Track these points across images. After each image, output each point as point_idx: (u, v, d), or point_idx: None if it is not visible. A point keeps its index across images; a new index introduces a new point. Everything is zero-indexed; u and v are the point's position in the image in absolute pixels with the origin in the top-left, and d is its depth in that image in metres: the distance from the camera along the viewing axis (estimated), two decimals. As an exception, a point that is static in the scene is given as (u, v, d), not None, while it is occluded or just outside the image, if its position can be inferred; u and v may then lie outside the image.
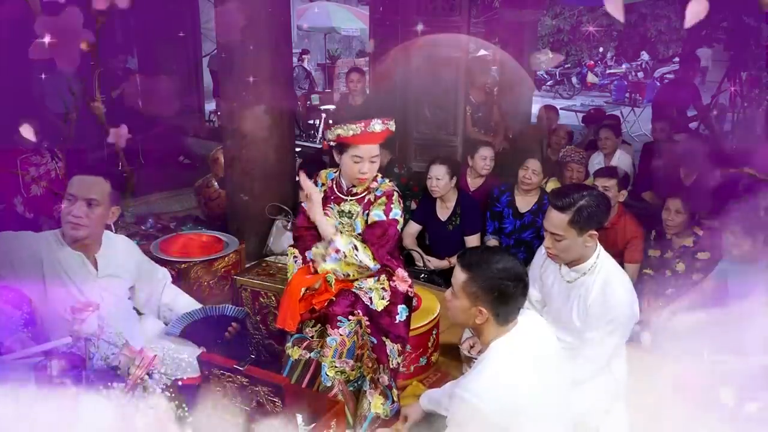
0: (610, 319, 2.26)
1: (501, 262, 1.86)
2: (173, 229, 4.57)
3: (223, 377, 1.92)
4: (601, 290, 2.29)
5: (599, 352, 2.30)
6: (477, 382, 1.77)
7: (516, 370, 1.78)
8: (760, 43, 7.05)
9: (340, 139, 2.54)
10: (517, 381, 1.77)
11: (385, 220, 2.55)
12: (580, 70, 16.75)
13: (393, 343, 2.55)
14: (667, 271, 3.58)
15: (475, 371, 1.83)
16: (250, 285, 3.15)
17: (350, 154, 2.55)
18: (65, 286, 2.27)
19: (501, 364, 1.79)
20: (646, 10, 16.54)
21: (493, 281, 1.84)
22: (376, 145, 2.56)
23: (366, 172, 2.56)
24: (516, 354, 1.82)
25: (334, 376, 2.45)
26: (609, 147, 5.07)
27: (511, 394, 1.74)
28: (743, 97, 7.32)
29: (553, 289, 2.47)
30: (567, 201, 2.27)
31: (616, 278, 2.33)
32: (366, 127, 2.50)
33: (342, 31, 13.66)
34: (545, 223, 2.36)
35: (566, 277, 2.41)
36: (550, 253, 2.36)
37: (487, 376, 1.76)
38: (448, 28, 4.80)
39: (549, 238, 2.33)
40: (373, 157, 2.56)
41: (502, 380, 1.76)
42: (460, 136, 4.97)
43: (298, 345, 2.55)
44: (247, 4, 3.92)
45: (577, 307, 2.35)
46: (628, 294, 2.32)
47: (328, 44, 15.67)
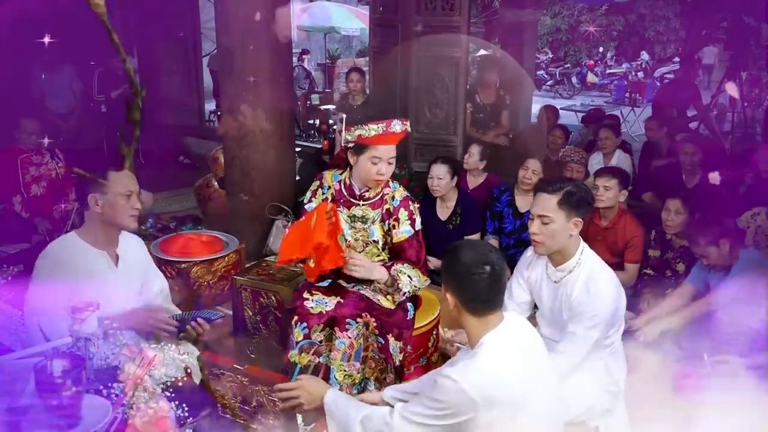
0: (592, 315, 2.26)
1: (467, 250, 1.87)
2: (173, 229, 4.58)
3: (223, 377, 1.92)
4: (585, 286, 2.30)
5: (579, 346, 2.29)
6: (466, 371, 1.76)
7: (506, 364, 1.78)
8: (760, 43, 7.06)
9: (360, 140, 2.54)
10: (507, 374, 1.77)
11: (414, 232, 2.68)
12: (580, 70, 16.75)
13: (396, 341, 2.56)
14: (667, 271, 3.58)
15: (463, 363, 1.82)
16: (250, 285, 3.15)
17: (369, 155, 2.55)
18: (92, 286, 2.25)
19: (491, 356, 1.78)
20: (646, 11, 16.55)
21: (454, 267, 1.86)
22: (394, 146, 2.58)
23: (384, 173, 2.58)
24: (505, 348, 1.82)
25: (343, 380, 2.45)
26: (609, 147, 5.06)
27: (500, 386, 1.74)
28: (743, 97, 7.32)
29: (542, 291, 2.47)
30: (556, 185, 2.32)
31: (600, 274, 2.34)
32: (387, 128, 2.53)
33: (342, 31, 13.65)
34: (533, 209, 2.36)
35: (553, 278, 2.42)
36: (536, 240, 2.35)
37: (477, 367, 1.76)
38: (448, 28, 4.80)
39: (536, 222, 2.33)
40: (391, 158, 2.59)
41: (492, 371, 1.75)
42: (460, 136, 4.97)
43: (306, 351, 2.54)
44: (247, 4, 3.93)
45: (565, 305, 2.36)
46: (612, 290, 2.32)
47: (328, 44, 15.65)
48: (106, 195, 2.26)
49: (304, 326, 2.56)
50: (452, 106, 4.93)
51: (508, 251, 4.04)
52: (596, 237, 3.60)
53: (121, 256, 2.39)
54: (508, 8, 7.52)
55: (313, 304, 2.60)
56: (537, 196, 2.37)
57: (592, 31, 16.92)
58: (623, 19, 17.09)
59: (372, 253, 2.71)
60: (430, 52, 4.87)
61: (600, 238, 3.63)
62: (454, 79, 4.87)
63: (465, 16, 4.79)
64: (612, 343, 2.39)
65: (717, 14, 8.00)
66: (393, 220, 2.68)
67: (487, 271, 1.81)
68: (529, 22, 7.53)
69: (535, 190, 2.41)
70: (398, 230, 2.67)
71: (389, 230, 2.69)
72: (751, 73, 7.84)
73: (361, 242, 2.71)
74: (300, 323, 2.57)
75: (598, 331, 2.28)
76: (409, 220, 2.68)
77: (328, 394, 1.96)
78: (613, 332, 2.37)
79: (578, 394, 2.32)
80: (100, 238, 2.33)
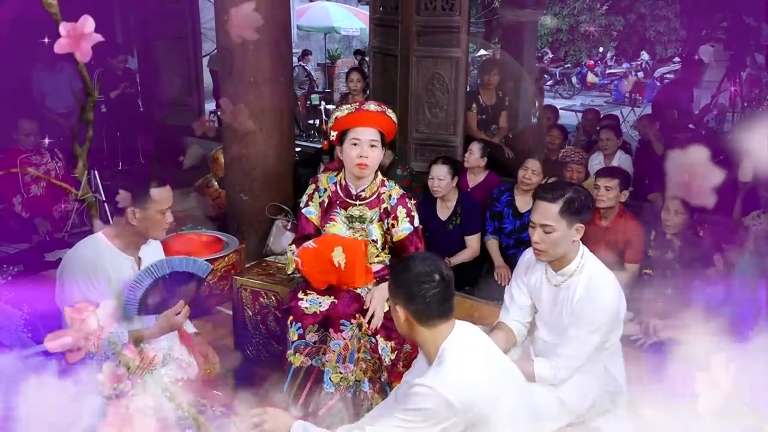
0: (593, 319, 2.25)
1: (417, 261, 1.88)
2: (173, 229, 4.57)
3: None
4: (586, 289, 2.29)
5: (580, 350, 2.28)
6: (438, 377, 1.76)
7: (474, 365, 1.79)
8: (760, 43, 7.06)
9: (338, 122, 2.59)
10: (477, 374, 1.77)
11: (413, 228, 2.68)
12: (580, 70, 16.76)
13: (386, 341, 2.56)
14: (667, 271, 3.58)
15: (433, 371, 1.81)
16: (250, 285, 3.15)
17: (348, 138, 2.58)
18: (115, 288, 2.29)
19: (458, 360, 1.78)
20: (646, 11, 16.56)
21: (403, 278, 1.86)
22: (375, 129, 2.58)
23: (366, 156, 2.56)
24: (468, 351, 1.82)
25: (339, 383, 2.44)
26: (610, 148, 5.05)
27: (474, 387, 1.74)
28: (743, 97, 7.32)
29: (542, 295, 2.46)
30: (556, 193, 2.29)
31: (601, 277, 2.33)
32: (361, 106, 2.58)
33: (342, 31, 13.66)
34: (534, 217, 2.32)
35: (553, 281, 2.40)
36: (539, 249, 2.33)
37: (448, 372, 1.76)
38: (448, 28, 4.81)
39: (538, 232, 2.30)
40: (372, 140, 2.57)
41: (464, 374, 1.76)
42: (460, 136, 4.97)
43: (300, 351, 2.54)
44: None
45: (565, 310, 2.35)
46: (613, 293, 2.31)
47: (328, 44, 15.65)
48: (147, 211, 2.31)
49: (299, 326, 2.56)
50: (452, 106, 4.93)
51: (508, 251, 4.04)
52: (596, 237, 3.60)
53: (143, 260, 2.44)
54: (509, 8, 7.51)
55: (307, 304, 2.60)
56: (537, 204, 2.33)
57: (592, 31, 16.92)
58: (623, 19, 17.10)
59: (371, 253, 2.71)
60: (430, 52, 4.88)
61: (600, 238, 3.62)
62: (454, 79, 4.87)
63: (465, 16, 4.79)
64: (612, 345, 2.39)
65: (717, 14, 8.00)
66: (392, 219, 2.68)
67: (436, 279, 1.81)
68: (529, 22, 7.52)
69: (534, 197, 2.38)
70: (398, 228, 2.67)
71: (388, 229, 2.69)
72: (751, 73, 7.83)
73: None
74: (295, 323, 2.57)
75: (599, 335, 2.27)
76: (407, 218, 2.68)
77: (295, 425, 1.85)
78: (613, 335, 2.37)
79: (578, 394, 2.32)
80: (129, 244, 2.40)
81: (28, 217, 4.49)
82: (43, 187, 4.53)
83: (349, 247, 2.55)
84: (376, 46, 5.32)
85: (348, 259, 2.52)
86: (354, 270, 2.54)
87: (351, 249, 2.55)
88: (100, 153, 6.19)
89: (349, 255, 2.53)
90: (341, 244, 2.56)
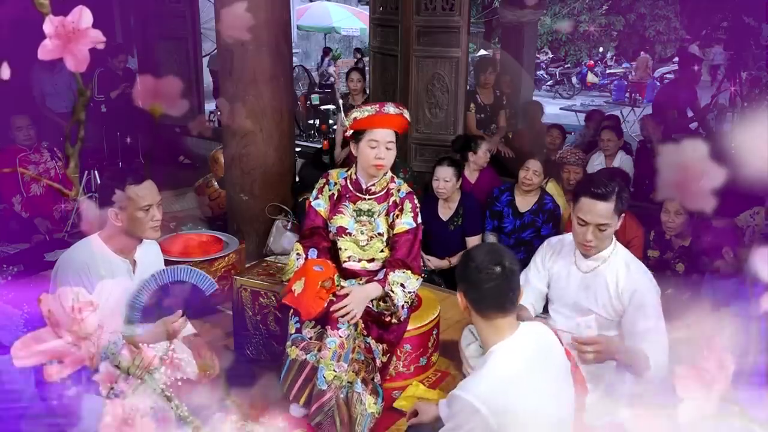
0: (652, 303, 2.26)
1: (481, 251, 1.87)
2: (173, 229, 4.57)
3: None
4: (627, 276, 2.30)
5: (663, 337, 2.23)
6: (473, 383, 1.77)
7: (511, 373, 1.78)
8: (760, 43, 7.05)
9: (356, 122, 2.61)
10: (511, 385, 1.76)
11: (415, 225, 2.70)
12: (580, 70, 16.76)
13: (377, 344, 2.58)
14: (667, 272, 3.58)
15: (474, 374, 1.83)
16: (250, 285, 3.15)
17: (366, 139, 2.60)
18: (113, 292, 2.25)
19: (497, 366, 1.78)
20: (646, 10, 16.55)
21: (466, 266, 1.84)
22: (392, 131, 2.61)
23: (383, 158, 2.60)
24: (513, 357, 1.81)
25: (332, 381, 2.45)
26: (611, 149, 5.04)
27: (505, 397, 1.74)
28: (743, 97, 7.32)
29: (570, 281, 2.45)
30: (608, 189, 2.27)
31: (632, 260, 2.37)
32: (381, 108, 2.59)
33: (342, 31, 13.68)
34: (587, 217, 2.28)
35: (582, 268, 2.41)
36: (590, 245, 2.32)
37: (484, 378, 1.76)
38: (448, 28, 4.81)
39: (592, 230, 2.28)
40: (389, 143, 2.61)
41: (497, 382, 1.76)
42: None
43: (296, 345, 2.55)
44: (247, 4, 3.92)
45: (600, 296, 2.34)
46: (646, 271, 2.37)
47: (328, 44, 15.66)
48: (126, 210, 2.22)
49: (297, 320, 2.59)
50: (452, 106, 4.93)
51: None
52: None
53: (139, 262, 2.40)
54: (509, 8, 7.51)
55: None
56: (589, 204, 2.28)
57: (592, 31, 16.91)
58: (623, 19, 17.10)
59: (376, 247, 2.74)
60: (430, 52, 4.88)
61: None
62: (454, 79, 4.87)
63: (465, 16, 4.79)
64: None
65: (717, 14, 8.00)
66: (398, 210, 2.71)
67: (496, 271, 1.79)
68: (529, 22, 7.52)
69: (578, 194, 2.33)
70: (400, 220, 2.69)
71: (393, 222, 2.71)
72: (751, 73, 7.82)
73: (366, 236, 2.73)
74: (293, 317, 2.60)
75: (661, 317, 2.25)
76: (412, 213, 2.71)
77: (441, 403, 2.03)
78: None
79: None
80: (123, 246, 2.33)
81: (28, 217, 4.49)
82: (43, 186, 4.53)
83: (310, 278, 2.51)
84: (376, 46, 5.32)
85: (304, 287, 2.49)
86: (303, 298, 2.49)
87: (310, 279, 2.51)
88: (100, 153, 6.19)
89: (306, 283, 2.50)
90: (305, 276, 2.53)
